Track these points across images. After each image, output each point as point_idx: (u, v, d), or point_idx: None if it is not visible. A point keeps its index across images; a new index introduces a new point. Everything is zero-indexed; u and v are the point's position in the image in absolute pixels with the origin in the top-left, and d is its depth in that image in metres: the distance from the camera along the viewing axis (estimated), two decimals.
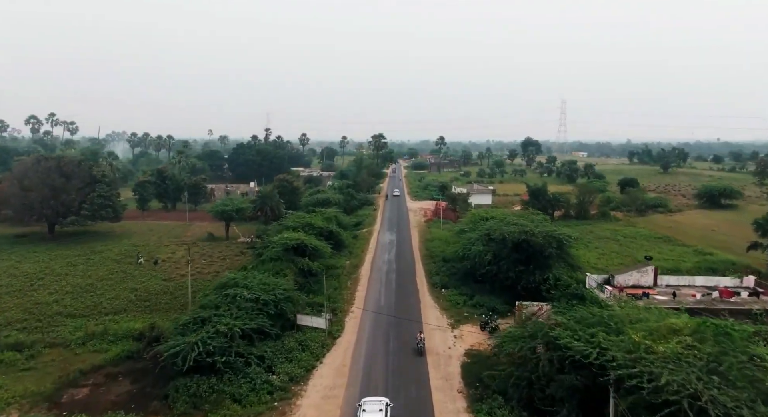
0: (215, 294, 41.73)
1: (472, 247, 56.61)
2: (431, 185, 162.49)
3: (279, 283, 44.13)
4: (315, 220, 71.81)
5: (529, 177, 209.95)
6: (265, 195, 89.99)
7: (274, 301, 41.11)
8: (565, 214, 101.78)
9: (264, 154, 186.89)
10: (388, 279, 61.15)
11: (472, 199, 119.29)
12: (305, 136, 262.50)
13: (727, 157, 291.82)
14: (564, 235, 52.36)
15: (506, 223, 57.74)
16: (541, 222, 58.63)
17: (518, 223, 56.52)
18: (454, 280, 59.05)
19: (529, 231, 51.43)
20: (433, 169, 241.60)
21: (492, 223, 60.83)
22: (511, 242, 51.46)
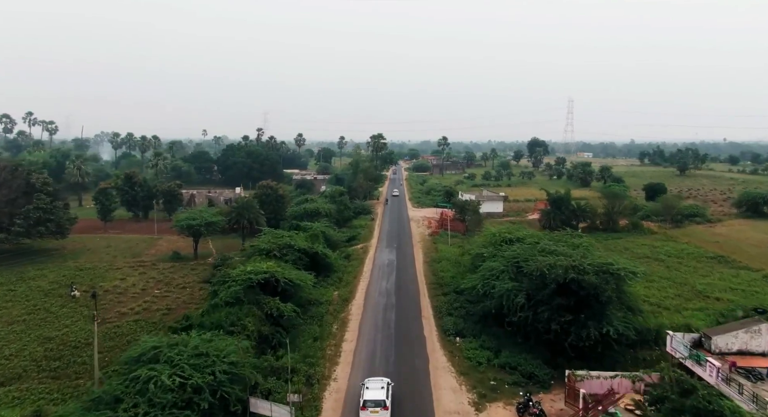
0: (121, 376, 27.47)
1: (496, 282, 42.30)
2: (434, 190, 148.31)
3: (225, 349, 29.85)
4: (296, 240, 57.56)
5: (538, 180, 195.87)
6: (242, 205, 75.85)
7: (213, 386, 26.92)
8: (590, 226, 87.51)
9: (255, 156, 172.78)
10: (386, 321, 46.82)
11: (482, 207, 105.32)
12: (301, 137, 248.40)
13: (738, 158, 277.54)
14: (624, 269, 38.14)
15: (541, 250, 43.56)
16: (587, 248, 44.42)
17: (557, 252, 42.34)
18: (472, 323, 44.73)
19: (578, 266, 37.23)
20: (435, 171, 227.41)
21: (520, 248, 46.56)
22: (554, 281, 37.25)
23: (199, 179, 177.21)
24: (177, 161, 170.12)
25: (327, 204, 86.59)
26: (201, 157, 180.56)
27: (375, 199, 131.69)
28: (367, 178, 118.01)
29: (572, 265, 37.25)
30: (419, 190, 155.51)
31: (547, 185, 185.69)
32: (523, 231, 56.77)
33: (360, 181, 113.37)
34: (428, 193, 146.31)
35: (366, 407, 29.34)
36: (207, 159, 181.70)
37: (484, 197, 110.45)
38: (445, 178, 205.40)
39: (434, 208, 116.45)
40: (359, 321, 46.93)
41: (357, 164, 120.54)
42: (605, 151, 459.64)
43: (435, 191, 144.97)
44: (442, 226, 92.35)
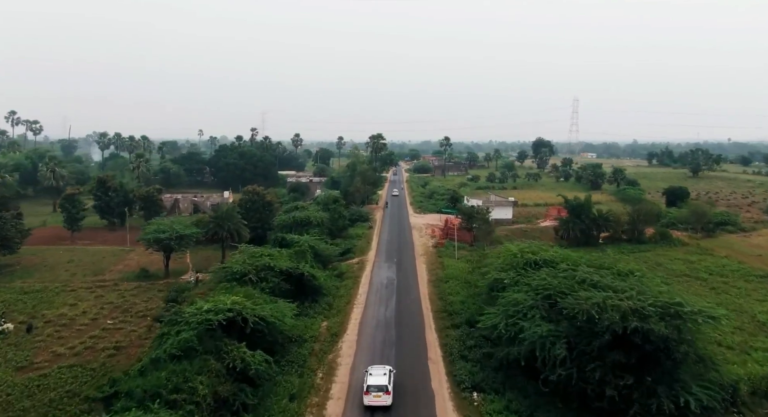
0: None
1: (524, 322, 32.71)
2: (437, 193, 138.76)
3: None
4: (278, 260, 48.04)
5: (545, 182, 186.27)
6: (221, 215, 66.34)
7: None
8: (612, 237, 77.95)
9: (248, 157, 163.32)
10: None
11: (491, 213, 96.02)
12: (298, 137, 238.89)
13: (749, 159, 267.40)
14: (701, 314, 28.61)
15: (581, 281, 34.07)
16: (640, 279, 34.93)
17: (603, 284, 32.87)
18: (492, 371, 35.10)
19: (639, 309, 27.73)
20: (437, 173, 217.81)
21: (550, 275, 36.94)
22: (607, 330, 27.71)
23: (189, 182, 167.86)
24: (166, 162, 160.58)
25: (319, 212, 76.99)
26: (192, 158, 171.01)
27: (374, 204, 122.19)
28: (365, 182, 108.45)
29: (632, 309, 27.74)
30: (421, 193, 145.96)
31: (555, 188, 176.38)
32: (550, 250, 47.09)
33: (357, 185, 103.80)
34: (430, 196, 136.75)
35: (369, 392, 31.01)
36: (198, 160, 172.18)
37: (492, 203, 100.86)
38: (448, 180, 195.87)
39: (438, 214, 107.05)
40: (351, 365, 37.34)
41: (354, 166, 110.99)
42: (608, 152, 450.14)
43: (438, 195, 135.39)
44: (448, 236, 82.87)
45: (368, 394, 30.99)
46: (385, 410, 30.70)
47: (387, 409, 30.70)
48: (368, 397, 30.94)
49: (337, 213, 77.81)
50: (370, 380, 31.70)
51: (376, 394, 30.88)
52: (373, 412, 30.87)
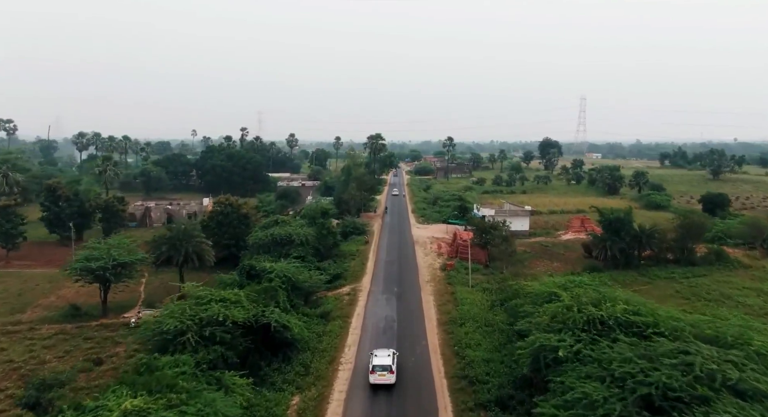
0: None
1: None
2: (441, 199, 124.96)
3: None
4: (232, 310, 34.17)
5: (555, 185, 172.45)
6: (177, 234, 52.70)
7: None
8: (656, 257, 64.19)
9: (236, 159, 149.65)
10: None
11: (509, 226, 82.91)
12: (293, 137, 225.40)
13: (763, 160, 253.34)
14: None
15: (706, 379, 20.38)
16: None
17: (746, 387, 19.22)
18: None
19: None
20: (439, 175, 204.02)
21: (643, 359, 23.21)
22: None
23: (174, 186, 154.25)
24: (146, 165, 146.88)
25: (303, 228, 63.22)
26: (176, 160, 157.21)
27: (372, 212, 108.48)
28: (362, 188, 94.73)
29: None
30: (423, 199, 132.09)
31: (566, 192, 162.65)
32: (614, 295, 33.03)
33: (352, 193, 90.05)
34: (434, 203, 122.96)
35: (374, 371, 32.85)
36: (184, 162, 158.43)
37: (507, 212, 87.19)
38: (451, 182, 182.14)
39: (444, 225, 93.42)
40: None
41: (349, 170, 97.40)
42: (613, 152, 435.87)
43: (442, 201, 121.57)
44: (458, 254, 69.22)
45: (374, 373, 32.77)
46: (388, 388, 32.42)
47: (390, 387, 32.41)
48: (374, 376, 32.71)
49: (326, 228, 63.93)
50: (375, 361, 33.44)
51: (381, 374, 32.62)
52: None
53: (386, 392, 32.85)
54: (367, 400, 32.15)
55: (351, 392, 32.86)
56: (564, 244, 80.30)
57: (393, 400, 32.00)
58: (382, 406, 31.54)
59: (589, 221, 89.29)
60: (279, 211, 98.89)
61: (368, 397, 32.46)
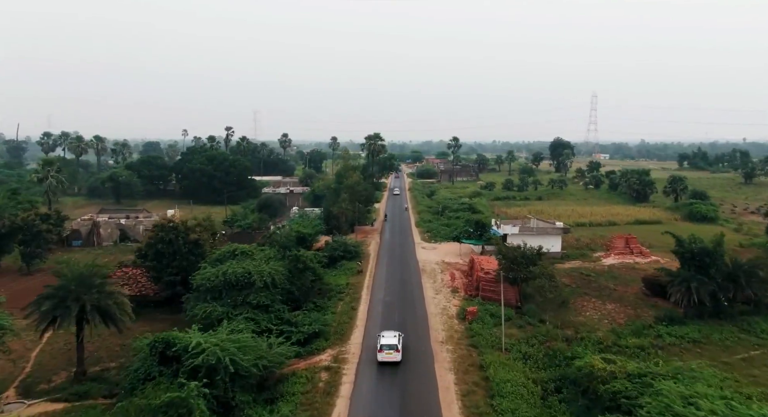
0: None
1: None
2: (449, 208, 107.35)
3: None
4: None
5: (572, 190, 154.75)
6: (66, 286, 35.11)
7: None
8: (752, 300, 46.54)
9: (218, 162, 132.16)
10: None
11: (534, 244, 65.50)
12: (286, 137, 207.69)
13: None
14: None
15: None
16: None
17: None
18: None
19: None
20: (443, 178, 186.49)
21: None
22: None
23: (148, 192, 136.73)
24: (115, 169, 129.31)
25: (271, 262, 45.61)
26: (152, 162, 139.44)
27: (369, 225, 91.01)
28: (355, 199, 77.12)
29: None
30: (427, 208, 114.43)
31: (585, 197, 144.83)
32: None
33: (343, 206, 72.31)
34: (441, 212, 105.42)
35: (382, 350, 35.28)
36: (160, 165, 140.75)
37: (534, 230, 69.61)
38: (457, 187, 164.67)
39: (456, 244, 76.08)
40: None
41: (341, 177, 79.87)
42: (620, 152, 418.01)
43: (450, 211, 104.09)
44: (478, 291, 51.81)
45: (381, 351, 35.23)
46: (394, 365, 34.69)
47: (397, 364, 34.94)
48: (381, 355, 35.22)
49: (301, 263, 46.15)
50: (383, 341, 35.82)
51: (388, 352, 35.17)
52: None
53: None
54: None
55: None
56: (610, 272, 62.76)
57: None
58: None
59: (635, 241, 71.78)
60: (258, 226, 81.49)
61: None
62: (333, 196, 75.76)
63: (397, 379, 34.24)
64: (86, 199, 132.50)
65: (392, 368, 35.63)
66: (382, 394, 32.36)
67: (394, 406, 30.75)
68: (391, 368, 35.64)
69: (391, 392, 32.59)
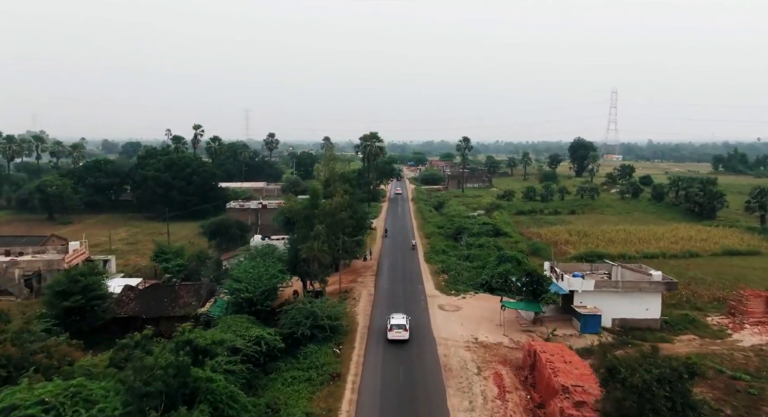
0: None
1: None
2: (468, 230, 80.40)
3: None
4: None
5: (607, 201, 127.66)
6: None
7: None
8: None
9: (177, 169, 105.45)
10: None
11: (610, 306, 38.97)
12: (273, 138, 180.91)
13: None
14: None
15: None
16: None
17: None
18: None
19: None
20: (451, 185, 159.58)
21: None
22: None
23: (94, 204, 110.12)
24: (48, 177, 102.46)
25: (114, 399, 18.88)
26: (99, 168, 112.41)
27: (362, 258, 64.59)
28: (337, 231, 50.11)
29: None
30: (437, 228, 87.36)
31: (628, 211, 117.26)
32: None
33: (315, 248, 44.82)
34: (455, 236, 78.74)
35: (392, 329, 38.20)
36: (111, 172, 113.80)
37: (620, 284, 42.73)
38: (468, 195, 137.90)
39: (487, 296, 49.61)
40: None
41: (316, 197, 52.79)
42: (632, 153, 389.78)
43: (470, 235, 77.35)
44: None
45: (391, 330, 38.21)
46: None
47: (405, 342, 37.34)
48: (391, 333, 38.12)
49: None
50: (393, 321, 38.83)
51: (397, 331, 38.08)
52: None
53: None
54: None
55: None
56: (764, 363, 36.12)
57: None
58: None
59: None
60: (195, 269, 55.09)
61: None
62: (303, 228, 49.02)
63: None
64: (15, 213, 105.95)
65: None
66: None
67: None
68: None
69: None
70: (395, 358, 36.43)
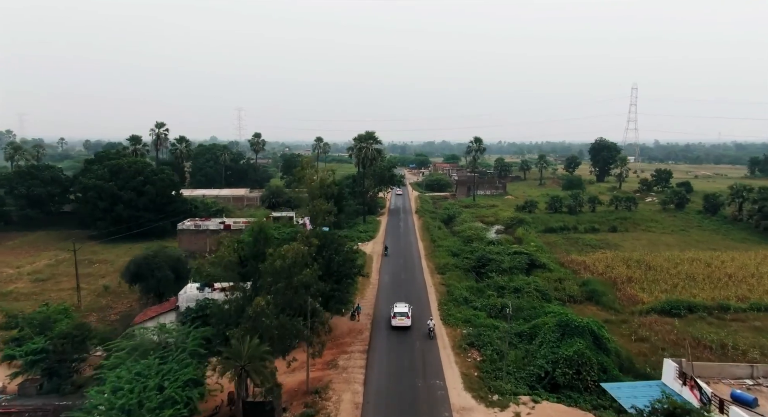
0: None
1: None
2: (493, 261, 58.75)
3: None
4: None
5: (645, 213, 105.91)
6: None
7: None
8: None
9: (126, 176, 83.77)
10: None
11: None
12: (259, 138, 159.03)
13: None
14: None
15: None
16: None
17: None
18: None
19: None
20: (460, 192, 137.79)
21: None
22: None
23: (28, 219, 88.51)
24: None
25: None
26: (35, 175, 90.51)
27: (345, 314, 42.95)
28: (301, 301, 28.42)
29: None
30: (450, 254, 65.74)
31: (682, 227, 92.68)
32: None
33: (249, 353, 22.86)
34: (480, 271, 57.08)
35: (396, 316, 41.04)
36: (47, 180, 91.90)
37: None
38: (481, 205, 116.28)
39: (557, 406, 27.88)
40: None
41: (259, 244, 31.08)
42: (644, 153, 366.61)
43: (498, 270, 55.70)
44: None
45: (395, 318, 40.97)
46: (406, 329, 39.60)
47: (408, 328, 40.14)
48: (395, 320, 40.86)
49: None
50: (396, 309, 41.56)
51: (400, 318, 40.79)
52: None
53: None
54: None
55: None
56: None
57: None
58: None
59: None
60: (50, 370, 33.43)
61: None
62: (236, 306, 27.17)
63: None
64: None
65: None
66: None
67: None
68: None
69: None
70: None
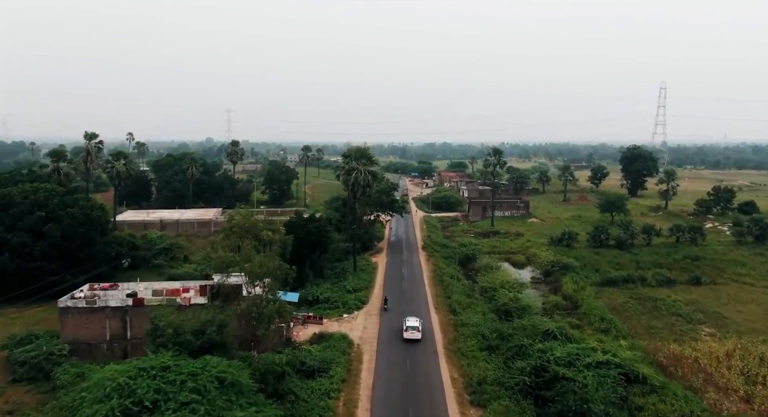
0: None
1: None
2: (553, 370, 34.09)
3: None
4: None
5: (717, 247, 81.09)
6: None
7: None
8: None
9: (19, 212, 58.86)
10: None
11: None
12: (238, 148, 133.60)
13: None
14: None
15: None
16: None
17: None
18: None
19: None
20: (473, 213, 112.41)
21: None
22: None
23: None
24: None
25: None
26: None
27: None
28: None
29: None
30: (481, 343, 41.71)
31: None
32: None
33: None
34: (537, 392, 32.41)
35: (407, 330, 43.47)
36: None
37: None
38: (502, 233, 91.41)
39: None
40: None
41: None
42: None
43: (580, 400, 30.79)
44: None
45: (406, 331, 43.34)
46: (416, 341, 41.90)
47: (418, 341, 42.42)
48: (406, 333, 43.18)
49: None
50: (408, 323, 44.01)
51: (412, 332, 43.11)
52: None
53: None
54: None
55: None
56: None
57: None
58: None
59: None
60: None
61: None
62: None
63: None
64: None
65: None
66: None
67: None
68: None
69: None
70: None
